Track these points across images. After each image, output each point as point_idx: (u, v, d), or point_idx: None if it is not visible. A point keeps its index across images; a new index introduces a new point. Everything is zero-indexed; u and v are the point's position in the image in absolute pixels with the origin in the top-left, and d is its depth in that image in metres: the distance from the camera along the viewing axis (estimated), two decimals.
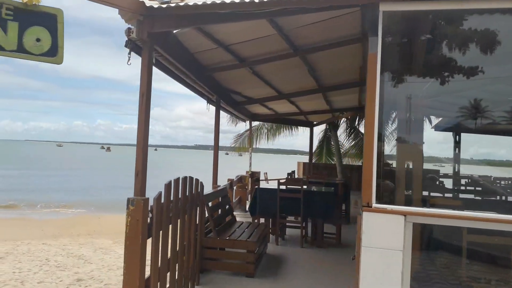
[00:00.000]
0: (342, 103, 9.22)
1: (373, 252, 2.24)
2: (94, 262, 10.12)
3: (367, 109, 2.34)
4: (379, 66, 2.32)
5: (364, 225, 2.30)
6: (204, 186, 4.55)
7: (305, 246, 5.66)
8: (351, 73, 6.25)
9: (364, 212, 2.34)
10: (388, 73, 2.48)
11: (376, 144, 2.33)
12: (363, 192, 2.35)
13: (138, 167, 2.68)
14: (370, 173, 2.33)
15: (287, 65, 5.06)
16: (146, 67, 2.72)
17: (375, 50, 2.32)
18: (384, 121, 2.47)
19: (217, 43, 3.83)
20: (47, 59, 2.27)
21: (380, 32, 2.31)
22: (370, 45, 2.35)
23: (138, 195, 2.69)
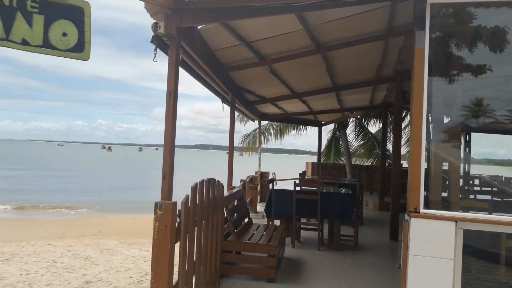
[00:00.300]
0: (353, 102, 9.09)
1: (422, 261, 2.10)
2: (101, 264, 9.99)
3: (414, 108, 2.20)
4: (426, 62, 2.18)
5: (411, 232, 2.15)
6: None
7: (322, 249, 5.52)
8: (367, 71, 6.12)
9: (412, 218, 2.19)
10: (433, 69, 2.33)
11: (424, 145, 2.19)
12: (409, 196, 2.20)
13: (166, 169, 2.54)
14: (417, 176, 2.19)
15: (305, 63, 4.92)
16: (174, 64, 2.58)
17: (422, 45, 2.18)
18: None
19: (240, 39, 3.70)
20: (73, 55, 2.13)
21: (427, 26, 2.17)
22: (416, 40, 2.21)
23: (165, 198, 2.55)
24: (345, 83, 6.62)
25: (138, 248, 12.49)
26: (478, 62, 2.45)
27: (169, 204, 2.43)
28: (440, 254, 2.07)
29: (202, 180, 3.10)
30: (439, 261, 2.06)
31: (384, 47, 4.70)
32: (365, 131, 12.67)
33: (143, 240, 14.11)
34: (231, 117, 5.44)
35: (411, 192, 2.21)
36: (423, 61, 2.19)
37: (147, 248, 12.55)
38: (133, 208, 22.42)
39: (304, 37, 3.88)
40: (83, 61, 2.16)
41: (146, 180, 41.16)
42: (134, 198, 26.41)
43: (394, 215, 6.42)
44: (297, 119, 11.19)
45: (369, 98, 8.61)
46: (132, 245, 12.97)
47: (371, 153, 12.49)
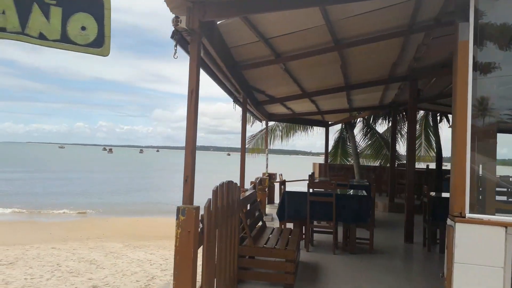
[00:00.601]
0: (362, 101, 8.94)
1: (468, 269, 1.95)
2: (106, 267, 9.84)
3: (458, 105, 2.06)
4: (471, 55, 2.03)
5: (457, 239, 2.00)
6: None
7: (337, 252, 5.36)
8: (381, 69, 5.98)
9: (457, 224, 2.04)
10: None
11: (469, 143, 2.04)
12: (453, 199, 2.05)
13: (187, 172, 2.39)
14: (462, 178, 2.04)
15: (320, 61, 4.78)
16: (195, 60, 2.43)
17: (466, 37, 2.03)
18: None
19: (259, 35, 3.56)
20: (92, 50, 1.99)
21: (472, 17, 2.03)
22: (460, 32, 2.06)
23: (187, 203, 2.40)
24: (357, 82, 6.48)
25: (143, 251, 12.34)
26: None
27: (192, 209, 2.29)
28: (489, 262, 1.92)
29: (222, 183, 2.95)
30: (488, 269, 1.92)
31: (403, 44, 4.56)
32: (373, 131, 12.51)
33: (147, 242, 13.96)
34: (242, 118, 5.29)
35: (455, 195, 2.06)
36: (467, 54, 2.05)
37: (152, 250, 12.40)
38: (136, 210, 22.28)
39: (323, 33, 3.74)
40: (103, 56, 2.02)
41: (148, 182, 41.05)
42: (137, 200, 26.28)
43: (408, 216, 6.26)
44: (304, 120, 11.05)
45: (379, 97, 8.46)
46: (137, 248, 12.82)
47: (378, 154, 12.34)
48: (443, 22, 3.76)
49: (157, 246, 13.16)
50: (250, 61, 4.34)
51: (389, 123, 12.39)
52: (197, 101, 2.47)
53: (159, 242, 14.15)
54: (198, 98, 2.46)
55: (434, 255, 5.53)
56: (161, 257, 11.46)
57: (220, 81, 4.31)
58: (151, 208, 23.29)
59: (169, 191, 33.70)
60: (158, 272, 9.51)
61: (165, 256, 11.64)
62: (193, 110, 2.42)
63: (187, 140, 2.40)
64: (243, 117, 5.32)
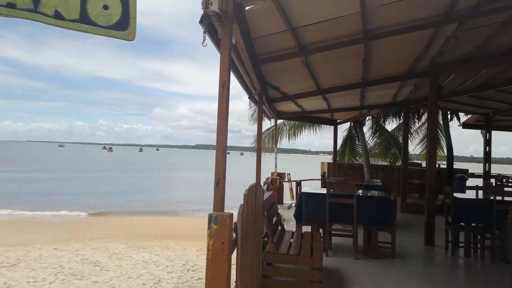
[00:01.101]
0: (375, 99, 8.65)
1: None
2: (111, 269, 9.56)
3: None
4: None
5: None
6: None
7: (358, 257, 5.09)
8: (402, 64, 5.70)
9: None
10: None
11: None
12: None
13: (218, 174, 2.11)
14: None
15: (343, 55, 4.50)
16: (227, 48, 2.15)
17: None
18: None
19: (287, 23, 3.27)
20: (115, 33, 1.70)
21: None
22: None
23: (219, 209, 2.12)
24: (375, 78, 6.20)
25: (148, 251, 12.06)
26: None
27: (226, 216, 2.00)
28: None
29: (251, 185, 2.67)
30: None
31: (432, 36, 4.28)
32: (381, 129, 12.22)
33: (151, 243, 13.69)
34: (258, 115, 5.01)
35: None
36: None
37: (156, 251, 12.12)
38: (138, 209, 21.99)
39: (355, 22, 3.46)
40: (127, 41, 1.73)
41: (149, 181, 40.78)
42: (139, 199, 26.00)
43: (429, 218, 5.99)
44: (313, 118, 10.76)
45: (392, 94, 8.19)
46: (141, 248, 12.54)
47: (387, 153, 12.05)
48: (482, 11, 3.48)
49: (161, 247, 12.89)
50: (272, 53, 4.05)
51: (399, 121, 12.13)
52: (228, 96, 2.19)
53: (163, 242, 13.87)
54: (229, 91, 2.18)
55: (459, 259, 5.27)
56: (166, 258, 11.19)
57: (240, 75, 4.02)
58: (153, 208, 23.02)
59: (170, 190, 33.46)
60: (164, 275, 9.24)
61: (170, 257, 11.37)
62: (225, 106, 2.14)
63: (219, 139, 2.12)
64: (259, 114, 5.03)
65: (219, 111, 2.15)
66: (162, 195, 28.81)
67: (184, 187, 36.04)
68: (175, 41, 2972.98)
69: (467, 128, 12.15)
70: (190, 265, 10.23)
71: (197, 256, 11.51)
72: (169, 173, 53.80)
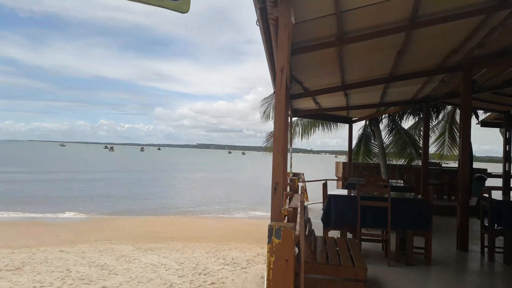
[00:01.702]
0: (397, 95, 8.28)
1: None
2: (120, 273, 9.22)
3: None
4: None
5: None
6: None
7: (392, 264, 4.73)
8: (436, 57, 5.33)
9: None
10: None
11: None
12: None
13: (277, 177, 1.76)
14: None
15: (380, 45, 4.15)
16: (285, 27, 1.80)
17: None
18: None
19: (336, 5, 2.90)
20: (168, 3, 1.35)
21: None
22: None
23: (277, 218, 1.77)
24: (404, 72, 5.83)
25: (156, 254, 11.72)
26: None
27: (289, 229, 1.65)
28: None
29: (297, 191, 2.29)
30: None
31: (479, 24, 3.92)
32: (397, 127, 11.83)
33: (159, 244, 13.35)
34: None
35: None
36: None
37: (164, 253, 11.79)
38: (142, 210, 21.66)
39: (405, 7, 3.10)
40: (181, 13, 1.37)
41: (152, 181, 40.47)
42: (143, 199, 25.67)
43: (463, 222, 5.62)
44: (328, 116, 10.40)
45: (416, 91, 7.81)
46: (148, 250, 12.21)
47: (402, 152, 11.66)
48: None
49: (169, 249, 12.55)
50: (309, 42, 3.68)
51: (416, 119, 11.75)
52: (285, 84, 1.83)
53: (170, 244, 13.54)
54: (286, 79, 1.83)
55: (500, 266, 4.90)
56: (175, 261, 10.84)
57: (273, 63, 3.63)
58: (158, 208, 22.69)
59: (174, 190, 33.15)
60: (175, 279, 8.89)
61: (180, 259, 11.02)
62: (283, 95, 1.79)
63: (277, 135, 1.77)
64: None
65: (276, 100, 1.80)
66: (166, 196, 28.49)
67: (187, 187, 35.71)
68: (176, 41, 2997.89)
69: (486, 126, 11.76)
70: (201, 269, 9.88)
71: (207, 259, 11.17)
72: (171, 173, 53.52)
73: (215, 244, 13.62)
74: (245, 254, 11.97)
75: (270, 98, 11.63)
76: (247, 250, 12.73)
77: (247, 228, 17.23)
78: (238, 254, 11.93)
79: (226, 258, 11.31)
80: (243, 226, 17.87)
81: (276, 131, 1.78)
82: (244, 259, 11.31)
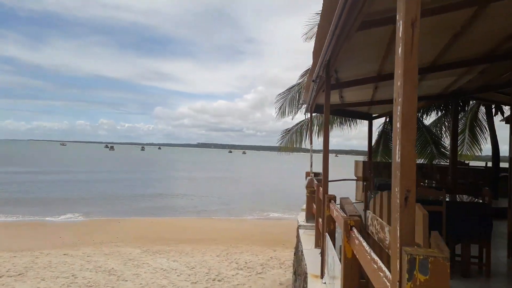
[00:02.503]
0: (426, 89, 7.69)
1: None
2: (129, 279, 8.66)
3: None
4: None
5: None
6: None
7: None
8: (489, 42, 4.75)
9: None
10: None
11: None
12: None
13: (408, 182, 1.20)
14: None
15: (435, 26, 3.58)
16: None
17: None
18: None
19: None
20: None
21: None
22: None
23: (410, 243, 1.21)
24: (448, 61, 5.26)
25: (165, 257, 11.16)
26: None
27: (441, 259, 1.09)
28: None
29: None
30: None
31: None
32: (419, 124, 11.24)
33: (166, 247, 12.78)
34: (325, 105, 4.04)
35: None
36: None
37: (173, 257, 11.21)
38: (147, 210, 21.10)
39: None
40: None
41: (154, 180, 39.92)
42: (146, 200, 25.10)
43: None
44: (348, 112, 9.83)
45: (449, 83, 7.23)
46: (156, 253, 11.65)
47: (423, 151, 11.09)
48: None
49: (178, 252, 11.99)
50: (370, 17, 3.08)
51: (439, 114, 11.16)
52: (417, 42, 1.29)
53: (179, 246, 12.98)
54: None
55: None
56: (186, 265, 10.28)
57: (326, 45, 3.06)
58: (162, 209, 22.13)
59: (177, 190, 32.59)
60: (189, 286, 8.32)
61: (190, 264, 10.46)
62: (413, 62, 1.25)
63: (405, 119, 1.21)
64: (326, 104, 4.06)
65: (405, 69, 1.26)
66: (170, 196, 27.93)
67: (191, 187, 35.12)
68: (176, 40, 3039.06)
69: (510, 123, 11.16)
70: (214, 274, 9.33)
71: (219, 263, 10.61)
72: (174, 173, 52.97)
73: (225, 246, 13.05)
74: (258, 258, 11.41)
75: (285, 93, 11.07)
76: (259, 253, 12.17)
77: (256, 230, 16.67)
78: (250, 258, 11.37)
79: (239, 262, 10.75)
80: (252, 227, 17.31)
81: (406, 110, 1.22)
82: (258, 263, 10.74)
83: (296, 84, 11.32)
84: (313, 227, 6.60)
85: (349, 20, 2.37)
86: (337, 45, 2.97)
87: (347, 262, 2.53)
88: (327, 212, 3.89)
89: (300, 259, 5.30)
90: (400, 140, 1.24)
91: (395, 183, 1.27)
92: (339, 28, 2.55)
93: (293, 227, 16.30)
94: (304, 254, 4.89)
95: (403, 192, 1.23)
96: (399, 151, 1.25)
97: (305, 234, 6.21)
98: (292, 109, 10.81)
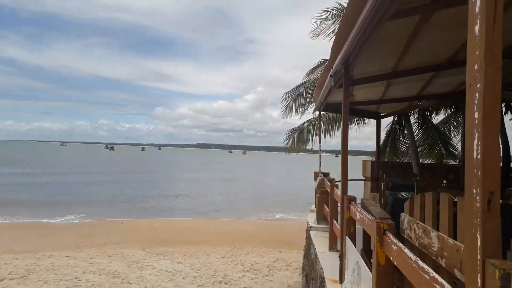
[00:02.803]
0: (437, 87, 7.49)
1: None
2: (133, 282, 8.46)
3: None
4: None
5: None
6: None
7: None
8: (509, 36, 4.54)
9: None
10: None
11: None
12: None
13: (490, 183, 1.02)
14: None
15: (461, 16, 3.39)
16: None
17: None
18: None
19: None
20: None
21: None
22: None
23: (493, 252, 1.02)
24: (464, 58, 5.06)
25: (169, 259, 10.96)
26: None
27: None
28: None
29: None
30: None
31: None
32: (427, 124, 11.03)
33: (171, 248, 12.59)
34: (344, 103, 3.84)
35: None
36: None
37: (178, 259, 11.01)
38: (149, 211, 20.90)
39: None
40: None
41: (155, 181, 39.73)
42: (148, 201, 24.90)
43: None
44: (355, 111, 9.62)
45: (461, 81, 7.03)
46: (160, 255, 11.45)
47: (431, 151, 10.87)
48: None
49: (182, 253, 11.80)
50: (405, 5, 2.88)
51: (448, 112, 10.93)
52: None
53: (183, 247, 12.79)
54: None
55: None
56: (191, 267, 10.07)
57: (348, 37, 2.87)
58: (164, 210, 21.94)
59: (178, 191, 32.39)
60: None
61: (195, 265, 10.26)
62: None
63: (488, 110, 1.03)
64: (345, 103, 3.87)
65: (487, 48, 1.07)
66: (172, 197, 27.73)
67: (193, 188, 34.92)
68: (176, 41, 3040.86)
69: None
70: (221, 276, 9.13)
71: (224, 265, 10.41)
72: (175, 174, 52.79)
73: (230, 248, 12.86)
74: (264, 259, 11.22)
75: (292, 92, 10.88)
76: (264, 254, 11.97)
77: (260, 231, 16.47)
78: (256, 259, 11.17)
79: (245, 264, 10.55)
80: (255, 228, 17.11)
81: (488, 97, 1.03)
82: (264, 265, 10.54)
83: (302, 83, 11.13)
84: (324, 228, 6.41)
85: (382, 6, 2.19)
86: (363, 36, 2.78)
87: (380, 269, 2.34)
88: (347, 214, 3.70)
89: (314, 262, 5.11)
90: (481, 133, 1.05)
91: (472, 184, 1.08)
92: (369, 17, 2.36)
93: (297, 228, 16.08)
94: (318, 257, 4.70)
95: (486, 194, 1.04)
96: (479, 146, 1.06)
97: (317, 236, 6.01)
98: (299, 107, 10.63)
